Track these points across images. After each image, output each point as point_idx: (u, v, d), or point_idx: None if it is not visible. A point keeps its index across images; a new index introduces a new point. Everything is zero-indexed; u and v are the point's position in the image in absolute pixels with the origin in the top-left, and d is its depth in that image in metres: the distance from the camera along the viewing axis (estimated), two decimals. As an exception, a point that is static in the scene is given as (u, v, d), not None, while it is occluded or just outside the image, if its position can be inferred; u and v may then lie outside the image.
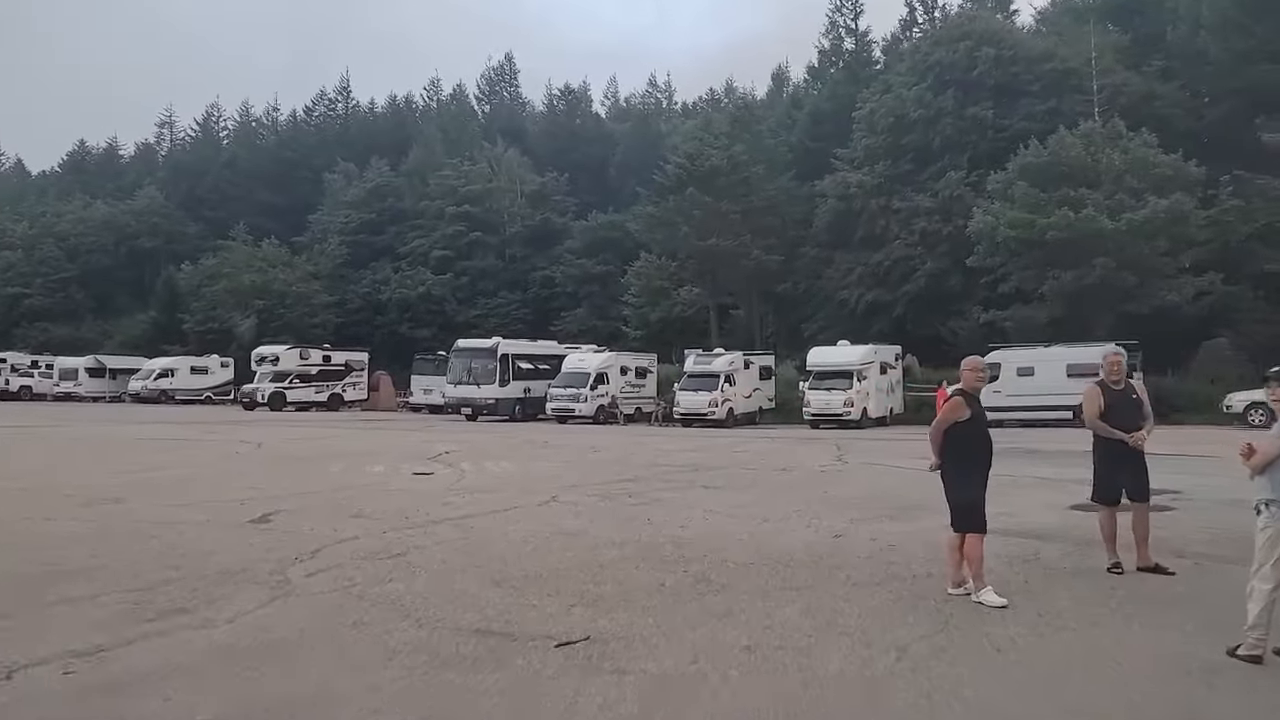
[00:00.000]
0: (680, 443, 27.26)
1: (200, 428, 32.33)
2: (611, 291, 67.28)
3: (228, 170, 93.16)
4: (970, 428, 8.09)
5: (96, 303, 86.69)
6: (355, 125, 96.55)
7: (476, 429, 34.95)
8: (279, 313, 69.47)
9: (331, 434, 30.63)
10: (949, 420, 8.12)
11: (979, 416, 8.17)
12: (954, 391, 8.42)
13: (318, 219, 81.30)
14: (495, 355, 39.44)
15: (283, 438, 28.04)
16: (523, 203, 74.86)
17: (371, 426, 35.96)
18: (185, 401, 55.26)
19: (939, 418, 8.28)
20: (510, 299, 70.84)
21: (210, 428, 32.45)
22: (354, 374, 50.51)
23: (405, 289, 71.35)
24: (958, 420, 8.08)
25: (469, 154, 78.81)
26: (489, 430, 34.29)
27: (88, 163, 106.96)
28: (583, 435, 30.61)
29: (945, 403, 8.47)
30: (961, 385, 8.35)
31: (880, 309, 46.48)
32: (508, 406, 39.66)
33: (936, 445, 8.23)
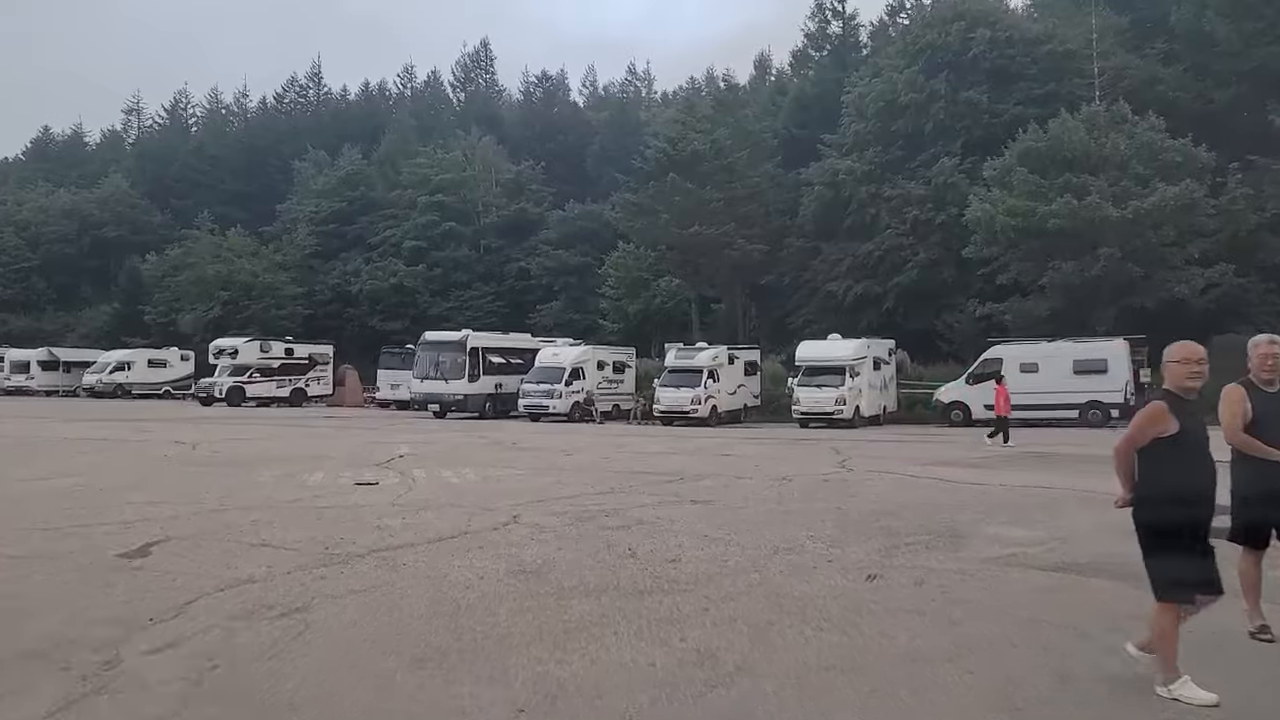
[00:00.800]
0: (662, 444, 24.76)
1: (139, 425, 29.52)
2: (589, 284, 64.81)
3: (194, 158, 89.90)
4: (1179, 448, 5.48)
5: (58, 294, 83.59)
6: (327, 113, 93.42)
7: (442, 427, 32.33)
8: (244, 304, 66.60)
9: (283, 433, 27.95)
10: (1147, 434, 5.54)
11: (1193, 432, 5.54)
12: (1159, 395, 5.71)
13: (286, 208, 78.36)
14: (464, 348, 36.80)
15: (225, 437, 25.36)
16: (498, 192, 72.23)
17: (331, 424, 33.28)
18: (143, 396, 52.28)
19: (1130, 432, 5.64)
20: (484, 291, 68.26)
21: (151, 425, 29.65)
22: (318, 368, 47.75)
23: (376, 280, 68.65)
24: (1160, 435, 5.51)
25: (443, 141, 75.96)
26: (455, 429, 31.69)
27: (51, 150, 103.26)
28: (556, 435, 28.08)
29: (1144, 410, 5.69)
30: (1167, 384, 5.73)
31: (870, 301, 44.10)
32: (478, 403, 37.03)
33: (1124, 470, 5.67)
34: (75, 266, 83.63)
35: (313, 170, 79.31)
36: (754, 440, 26.53)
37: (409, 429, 30.49)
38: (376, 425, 32.52)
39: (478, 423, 34.94)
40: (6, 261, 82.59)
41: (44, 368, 55.31)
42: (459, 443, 24.82)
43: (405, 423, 33.88)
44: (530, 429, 31.92)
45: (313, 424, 32.88)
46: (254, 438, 25.59)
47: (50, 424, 30.35)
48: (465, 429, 31.53)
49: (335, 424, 33.34)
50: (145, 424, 29.99)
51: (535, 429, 31.99)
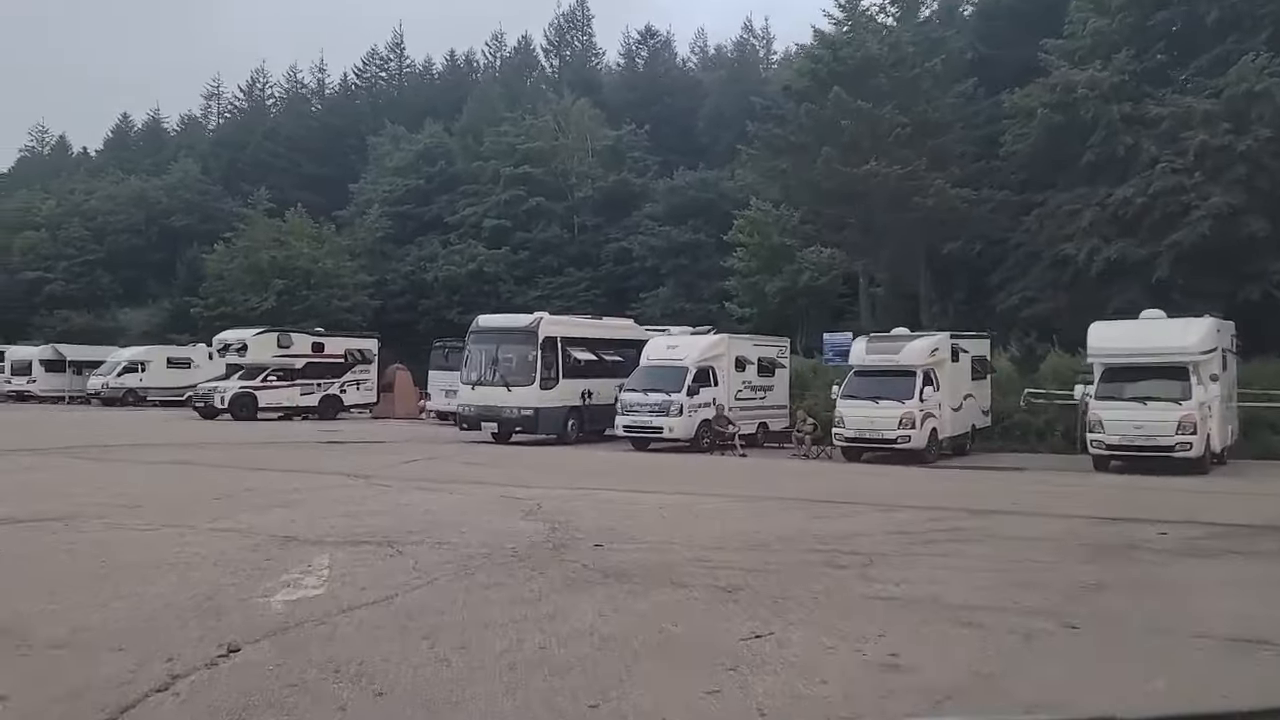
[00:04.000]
0: (890, 515, 11.49)
1: (61, 454, 17.24)
2: (703, 266, 51.35)
3: (269, 141, 79.10)
4: None
5: (123, 288, 73.67)
6: (408, 87, 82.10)
7: (491, 461, 19.24)
8: (302, 294, 54.79)
9: (245, 475, 15.62)
10: None
11: None
12: None
13: (359, 188, 66.65)
14: (535, 339, 23.55)
15: (154, 483, 12.83)
16: (593, 162, 59.24)
17: (342, 449, 21.03)
18: (161, 403, 40.48)
19: None
20: (577, 277, 55.36)
21: (76, 452, 17.57)
22: (358, 369, 35.15)
23: (454, 266, 56.42)
24: None
25: (531, 107, 63.11)
26: (510, 463, 18.68)
27: (131, 139, 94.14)
28: (673, 481, 15.26)
29: None
30: None
31: (1128, 269, 29.23)
32: (555, 420, 23.83)
33: None
34: (141, 259, 73.95)
35: (389, 146, 67.53)
36: (1043, 494, 12.93)
37: (434, 465, 17.61)
38: (392, 454, 19.70)
39: (554, 451, 21.74)
40: (72, 255, 73.36)
41: (48, 368, 44.12)
42: (490, 502, 11.96)
43: (444, 451, 20.90)
44: (632, 465, 18.59)
45: (315, 451, 20.79)
46: (206, 482, 12.98)
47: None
48: (525, 463, 18.52)
49: (350, 449, 20.86)
50: (88, 449, 17.52)
51: (640, 466, 18.65)
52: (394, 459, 18.90)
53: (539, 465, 18.29)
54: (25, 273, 72.34)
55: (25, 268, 72.35)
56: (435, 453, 20.86)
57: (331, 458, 19.45)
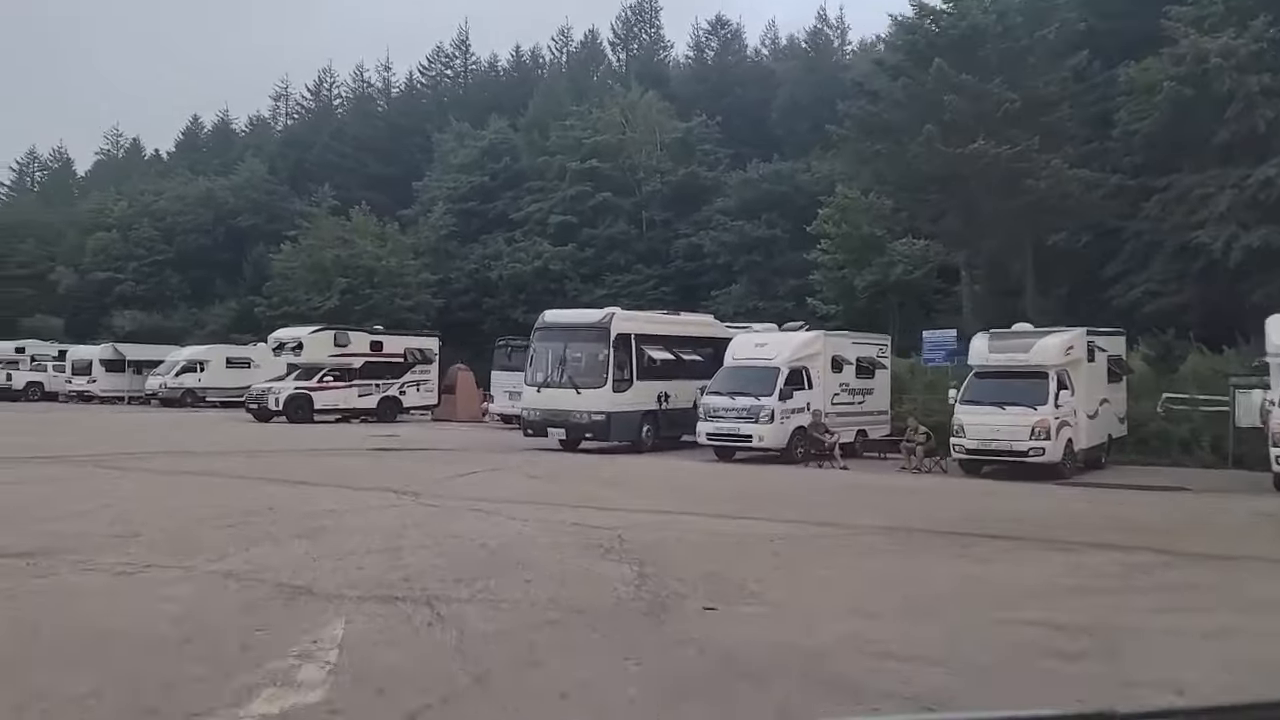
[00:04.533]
0: (1071, 557, 8.90)
1: (91, 463, 15.26)
2: (778, 262, 48.66)
3: (335, 141, 78.00)
4: None
5: (192, 288, 73.13)
6: (474, 85, 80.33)
7: (560, 473, 16.84)
8: (365, 293, 53.25)
9: (278, 490, 13.50)
10: None
11: None
12: None
13: (423, 186, 64.98)
14: (607, 336, 21.04)
15: (170, 501, 10.67)
16: (662, 155, 56.75)
17: (394, 458, 19.01)
18: (221, 403, 38.89)
19: None
20: (646, 274, 52.94)
21: (107, 460, 15.64)
22: (418, 369, 33.01)
23: (519, 263, 54.36)
24: None
25: (598, 100, 60.82)
26: (581, 476, 16.30)
27: (200, 141, 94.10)
28: (774, 502, 13.11)
29: None
30: None
31: (1272, 258, 25.75)
32: (628, 426, 21.28)
33: None
34: (208, 260, 73.30)
35: (453, 143, 65.74)
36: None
37: (486, 481, 15.37)
38: (446, 465, 17.46)
39: (628, 460, 19.29)
40: (141, 255, 73.10)
41: (108, 368, 42.80)
42: (548, 560, 9.35)
43: (505, 459, 18.60)
44: (719, 483, 16.31)
45: (359, 459, 18.77)
46: (223, 502, 10.86)
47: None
48: (595, 476, 16.20)
49: (399, 456, 18.78)
50: (122, 458, 15.46)
51: (729, 483, 16.36)
52: (450, 470, 16.56)
53: (614, 480, 15.77)
54: (97, 273, 72.27)
55: (97, 268, 72.28)
56: (497, 463, 18.49)
57: (381, 468, 17.19)
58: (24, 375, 44.69)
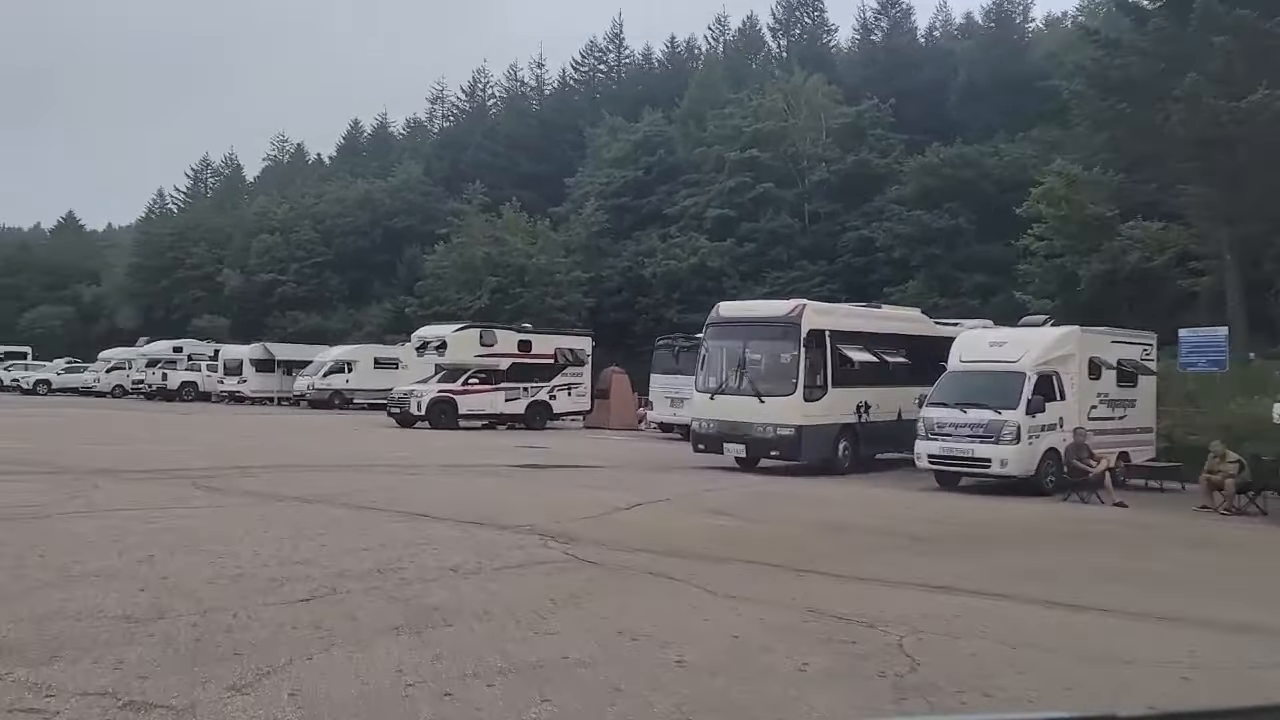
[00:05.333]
0: None
1: (187, 481, 12.57)
2: (960, 255, 43.63)
3: (488, 140, 76.60)
4: None
5: (350, 289, 73.07)
6: (627, 79, 77.49)
7: (749, 507, 13.20)
8: (515, 292, 50.85)
9: (386, 529, 10.33)
10: None
11: None
12: None
13: (575, 182, 62.36)
14: (797, 334, 16.97)
15: (231, 548, 7.77)
16: (828, 143, 52.39)
17: (540, 477, 15.82)
18: (368, 405, 36.88)
19: None
20: (811, 271, 48.66)
21: (206, 477, 13.06)
22: (569, 371, 29.74)
23: (673, 260, 50.87)
24: None
25: (759, 86, 56.86)
26: (781, 515, 12.60)
27: (360, 144, 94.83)
28: (1076, 568, 9.19)
29: None
30: None
31: None
32: (821, 443, 17.26)
33: None
34: (366, 261, 73.08)
35: (606, 137, 62.96)
36: None
37: (661, 523, 11.76)
38: (607, 492, 13.98)
39: (825, 490, 15.43)
40: (302, 257, 73.59)
41: (258, 368, 41.44)
42: (798, 709, 5.47)
43: (669, 481, 15.06)
44: (976, 531, 12.04)
45: (497, 478, 15.39)
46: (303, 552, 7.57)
47: None
48: (803, 536, 12.23)
49: (540, 476, 15.33)
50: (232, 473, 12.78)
51: (989, 531, 12.18)
52: (608, 497, 12.98)
53: (831, 524, 11.72)
54: (261, 274, 73.07)
55: (261, 270, 73.08)
56: (664, 487, 14.81)
57: (527, 494, 13.76)
58: (179, 375, 44.06)
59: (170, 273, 76.85)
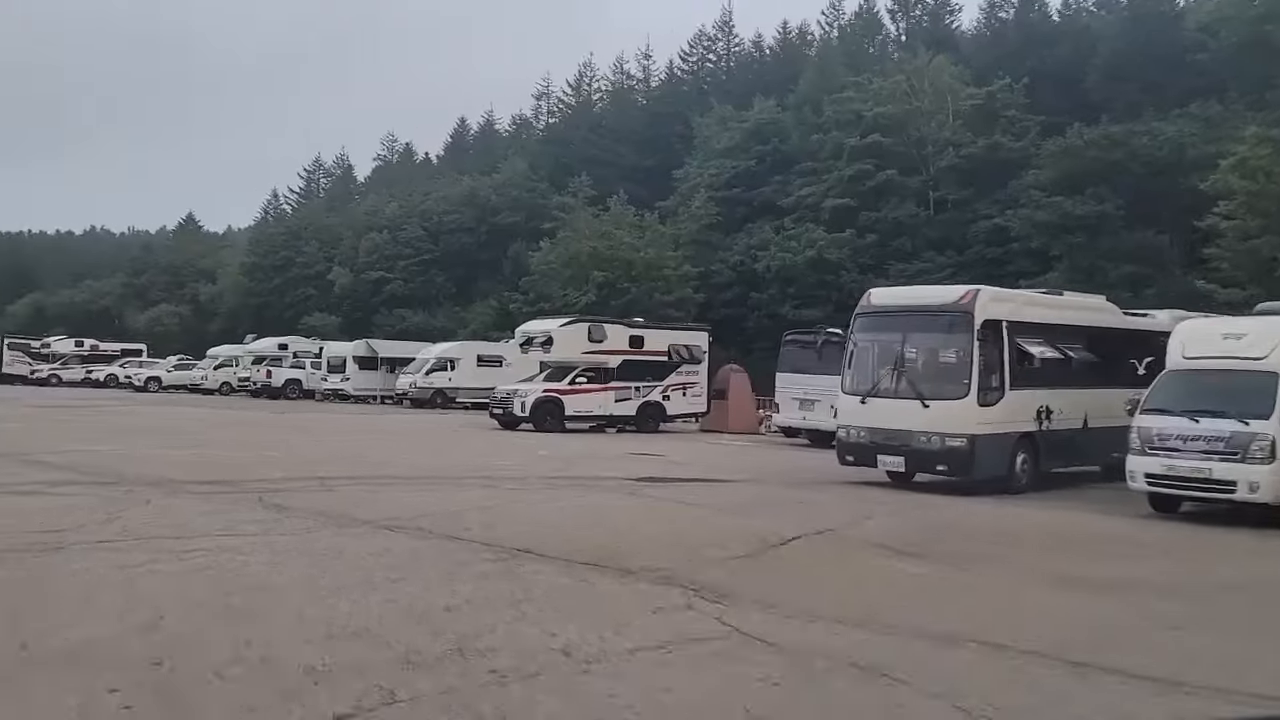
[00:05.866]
0: None
1: (246, 498, 10.52)
2: (1105, 245, 39.66)
3: (594, 135, 74.80)
4: None
5: (456, 287, 72.23)
6: (736, 67, 74.73)
7: (930, 542, 10.54)
8: (622, 287, 48.63)
9: (475, 568, 7.88)
10: None
11: None
12: None
13: (684, 174, 59.83)
14: (969, 325, 13.93)
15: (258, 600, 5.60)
16: (957, 125, 48.66)
17: (661, 494, 13.39)
18: (472, 405, 35.11)
19: None
20: (939, 263, 45.13)
21: (273, 489, 11.28)
22: (684, 369, 27.11)
23: (788, 253, 47.94)
24: None
25: (879, 68, 53.42)
26: (982, 555, 9.97)
27: (466, 143, 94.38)
28: None
29: None
30: None
31: None
32: (997, 456, 14.26)
33: None
34: (471, 258, 72.16)
35: (715, 127, 60.26)
36: None
37: (833, 571, 9.15)
38: (746, 518, 11.36)
39: (1010, 516, 12.45)
40: (409, 255, 73.18)
41: (361, 366, 40.04)
42: None
43: (817, 502, 12.61)
44: (1182, 554, 8.74)
45: (614, 496, 12.77)
46: None
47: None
48: (1012, 581, 9.41)
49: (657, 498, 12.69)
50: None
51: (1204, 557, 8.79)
52: (755, 526, 10.34)
53: (1064, 577, 8.75)
54: (369, 272, 72.85)
55: (369, 268, 72.87)
56: (817, 511, 12.06)
57: (647, 516, 11.24)
58: (284, 372, 43.10)
59: (282, 271, 77.37)
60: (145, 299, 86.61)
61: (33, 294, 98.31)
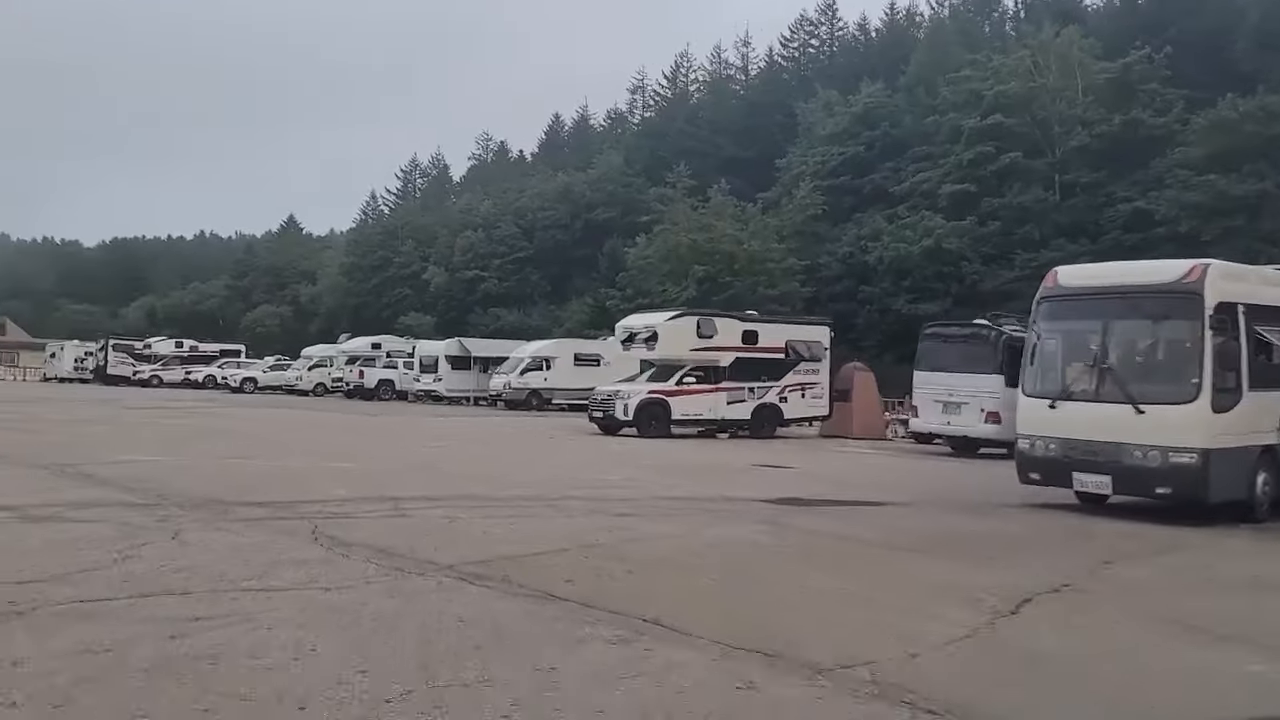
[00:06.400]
0: None
1: (299, 524, 8.24)
2: (1268, 227, 35.31)
3: (690, 126, 72.29)
4: None
5: (550, 285, 70.68)
6: (839, 52, 71.23)
7: (1180, 579, 7.20)
8: (724, 281, 46.05)
9: None
10: None
11: None
12: None
13: (786, 163, 56.83)
14: (1198, 309, 10.85)
15: None
16: (1088, 102, 44.66)
17: (812, 524, 10.67)
18: (568, 406, 32.96)
19: None
20: (1071, 250, 41.37)
21: (350, 510, 8.75)
22: (803, 367, 24.26)
23: (902, 244, 44.66)
24: None
25: (1000, 45, 49.61)
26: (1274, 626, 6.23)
27: (561, 139, 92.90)
28: None
29: None
30: None
31: None
32: (1236, 475, 11.17)
33: None
34: (566, 255, 70.60)
35: (820, 113, 57.09)
36: None
37: (1087, 621, 5.96)
38: (936, 565, 8.65)
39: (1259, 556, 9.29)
40: (504, 253, 72.02)
41: (454, 365, 38.16)
42: None
43: (1007, 533, 9.87)
44: None
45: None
46: None
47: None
48: None
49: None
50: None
51: None
52: (961, 581, 7.60)
53: None
54: (464, 271, 71.82)
55: (464, 266, 71.86)
56: (1020, 552, 9.23)
57: (810, 563, 8.56)
58: (376, 373, 41.62)
59: (379, 271, 76.98)
60: (248, 300, 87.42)
61: (145, 297, 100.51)
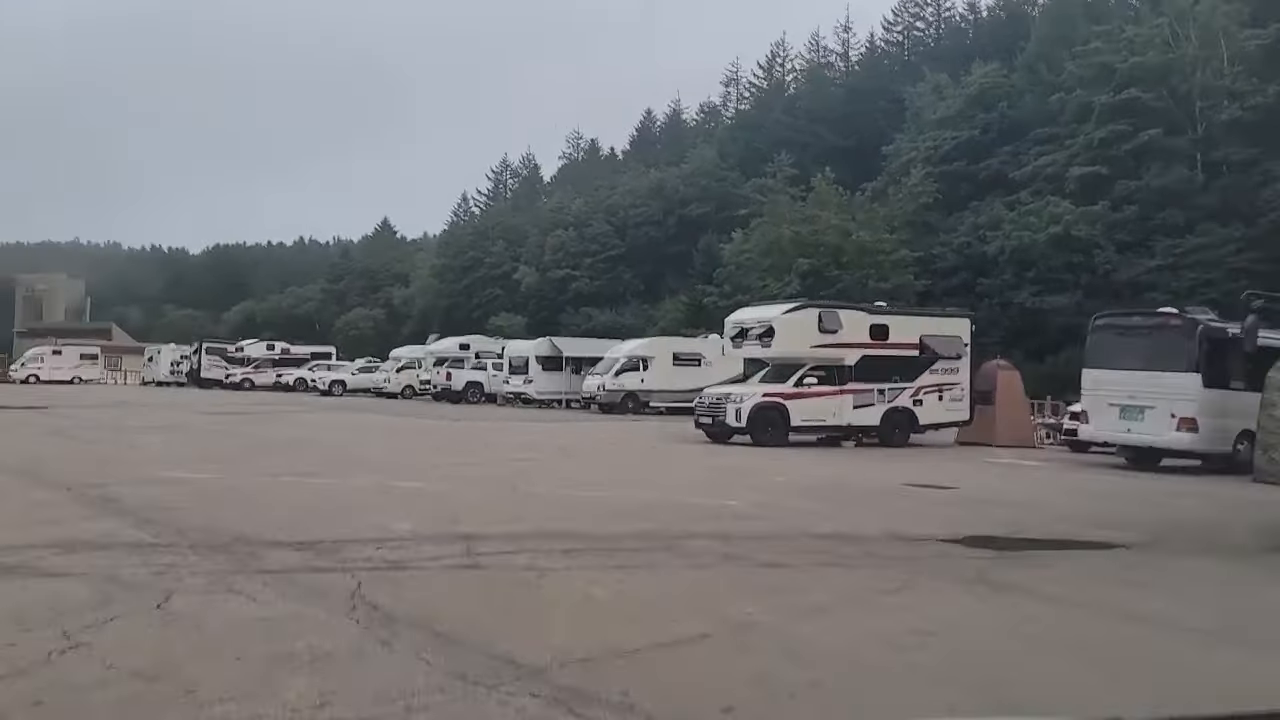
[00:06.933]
0: None
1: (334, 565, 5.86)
2: None
3: (787, 117, 69.15)
4: None
5: (643, 284, 68.41)
6: (947, 34, 67.11)
7: None
8: (831, 274, 42.94)
9: None
10: None
11: None
12: None
13: (894, 150, 53.34)
14: None
15: None
16: (1236, 73, 40.18)
17: (1014, 577, 7.09)
18: (666, 410, 30.52)
19: None
20: (1221, 236, 37.31)
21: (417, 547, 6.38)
22: (939, 365, 21.14)
23: (1026, 232, 40.93)
24: None
25: (1133, 14, 45.36)
26: None
27: (653, 135, 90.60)
28: None
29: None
30: None
31: None
32: None
33: None
34: (659, 253, 68.25)
35: (930, 97, 53.41)
36: None
37: None
38: None
39: None
40: (595, 251, 70.07)
41: (545, 366, 35.93)
42: None
43: None
44: None
45: None
46: None
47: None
48: None
49: None
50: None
51: None
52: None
53: None
54: (555, 270, 70.16)
55: (555, 265, 70.20)
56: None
57: (1051, 650, 5.73)
58: (464, 375, 39.66)
59: (470, 272, 75.94)
60: (343, 304, 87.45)
61: (245, 302, 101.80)
